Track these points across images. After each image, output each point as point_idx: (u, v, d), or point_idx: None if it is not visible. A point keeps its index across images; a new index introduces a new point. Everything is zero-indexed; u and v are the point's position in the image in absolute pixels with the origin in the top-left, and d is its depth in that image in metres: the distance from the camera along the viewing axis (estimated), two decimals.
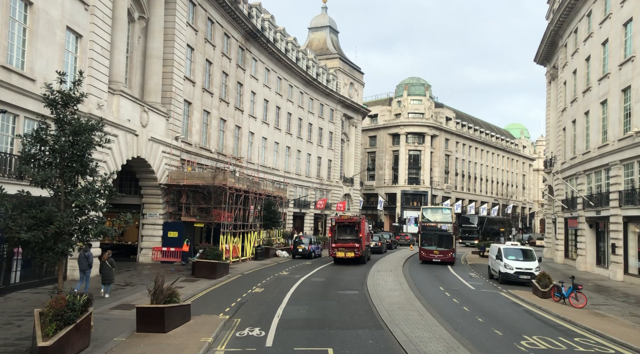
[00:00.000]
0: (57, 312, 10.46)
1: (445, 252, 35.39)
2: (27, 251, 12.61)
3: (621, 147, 26.88)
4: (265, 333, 13.47)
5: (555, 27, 39.01)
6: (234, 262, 30.46)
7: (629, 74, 26.43)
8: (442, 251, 35.40)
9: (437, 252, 35.35)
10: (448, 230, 36.14)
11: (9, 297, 16.80)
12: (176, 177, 29.49)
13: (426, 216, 37.72)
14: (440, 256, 35.33)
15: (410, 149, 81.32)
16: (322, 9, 70.92)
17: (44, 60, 18.85)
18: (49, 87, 11.78)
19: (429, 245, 35.95)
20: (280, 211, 41.91)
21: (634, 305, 19.65)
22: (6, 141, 17.47)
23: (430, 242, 36.08)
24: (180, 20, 31.07)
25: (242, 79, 41.43)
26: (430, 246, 35.83)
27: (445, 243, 35.69)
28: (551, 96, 45.38)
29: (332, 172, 62.16)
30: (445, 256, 35.25)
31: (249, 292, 20.57)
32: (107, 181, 12.28)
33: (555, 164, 41.76)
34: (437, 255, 35.37)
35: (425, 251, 35.87)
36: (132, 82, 27.93)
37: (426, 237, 36.38)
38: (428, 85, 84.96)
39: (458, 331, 14.28)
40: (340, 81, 64.71)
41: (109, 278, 17.69)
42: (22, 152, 11.63)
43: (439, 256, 35.33)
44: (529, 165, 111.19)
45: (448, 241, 35.80)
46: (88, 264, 17.54)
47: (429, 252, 35.68)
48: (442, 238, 35.90)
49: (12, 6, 17.57)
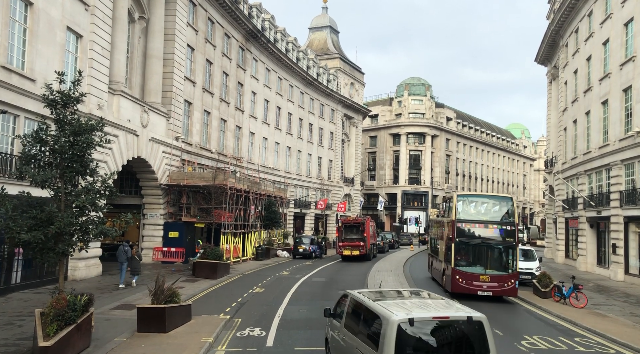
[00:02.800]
0: (58, 312, 10.46)
1: (502, 279, 19.59)
2: (27, 251, 12.63)
3: (622, 147, 26.86)
4: (266, 333, 13.47)
5: (556, 27, 38.99)
6: (234, 263, 30.47)
7: (630, 74, 26.41)
8: (497, 278, 19.56)
9: (488, 279, 19.57)
10: (507, 237, 19.87)
11: (10, 297, 16.80)
12: (177, 178, 29.49)
13: (464, 210, 20.66)
14: (494, 285, 19.53)
15: (411, 149, 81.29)
16: (323, 9, 70.89)
17: (44, 61, 18.86)
18: (49, 87, 11.77)
19: (469, 265, 20.04)
20: (281, 211, 41.92)
21: (635, 305, 19.64)
22: (6, 142, 17.47)
23: (472, 259, 20.23)
24: (181, 20, 31.06)
25: (243, 79, 41.43)
26: (474, 268, 19.94)
27: (503, 262, 20.04)
28: (552, 95, 45.37)
29: (332, 173, 62.14)
30: (502, 285, 19.59)
31: (250, 292, 20.57)
32: (107, 181, 12.27)
33: (556, 164, 41.73)
34: (487, 284, 19.52)
35: (462, 276, 19.69)
36: (132, 82, 27.93)
37: (464, 249, 20.21)
38: (429, 85, 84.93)
39: None
40: (341, 81, 64.68)
41: (136, 270, 20.59)
42: (23, 153, 11.62)
43: (490, 287, 19.53)
44: (530, 165, 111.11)
45: (507, 259, 19.95)
46: (126, 257, 20.38)
47: (470, 277, 19.65)
48: (497, 253, 20.17)
49: (12, 6, 17.57)
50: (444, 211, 23.56)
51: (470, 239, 19.97)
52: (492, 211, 20.74)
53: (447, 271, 20.70)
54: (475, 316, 7.58)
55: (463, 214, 20.35)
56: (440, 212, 27.26)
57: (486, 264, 20.05)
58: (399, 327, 7.18)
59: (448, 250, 20.50)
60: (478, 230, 19.98)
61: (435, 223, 25.99)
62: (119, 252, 20.58)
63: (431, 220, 28.70)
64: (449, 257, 20.43)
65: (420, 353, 7.36)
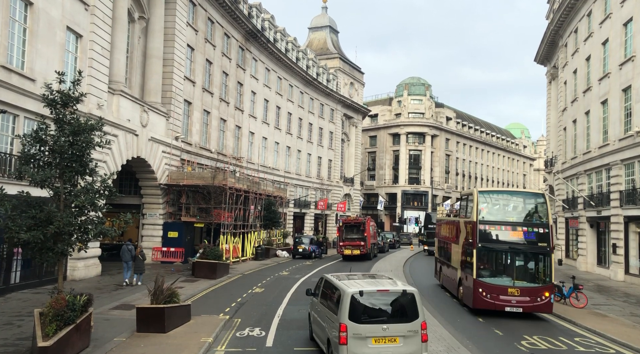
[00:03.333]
0: (57, 312, 10.46)
1: (534, 292, 16.47)
2: (26, 251, 12.60)
3: (622, 147, 26.86)
4: (266, 333, 13.47)
5: (556, 26, 38.99)
6: (234, 263, 30.46)
7: (629, 73, 26.41)
8: (529, 291, 16.48)
9: (517, 292, 16.39)
10: (540, 242, 16.70)
11: (9, 297, 16.79)
12: (176, 177, 29.48)
13: (487, 210, 17.45)
14: (525, 300, 16.37)
15: (411, 149, 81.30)
16: (322, 9, 70.88)
17: (44, 60, 18.84)
18: (49, 87, 11.76)
19: (495, 275, 17.02)
20: (281, 211, 41.93)
21: (635, 305, 19.63)
22: (6, 141, 17.47)
23: (498, 268, 17.27)
24: (180, 20, 31.05)
25: (242, 78, 41.42)
26: (500, 279, 16.87)
27: (535, 272, 17.01)
28: (551, 95, 45.37)
29: (332, 172, 62.14)
30: (534, 299, 16.39)
31: (249, 292, 20.56)
32: (106, 181, 12.25)
33: (555, 163, 41.74)
34: (516, 298, 16.37)
35: (487, 289, 16.51)
36: (132, 82, 27.92)
37: (488, 256, 17.20)
38: (428, 85, 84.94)
39: (459, 331, 14.27)
40: (341, 81, 64.68)
41: (140, 269, 20.90)
42: (22, 153, 11.61)
43: (521, 302, 16.36)
44: (530, 165, 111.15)
45: (540, 268, 16.94)
46: (131, 256, 20.74)
47: (496, 290, 16.48)
48: (528, 261, 17.15)
49: (12, 6, 17.56)
50: (459, 210, 20.36)
51: (496, 245, 16.75)
52: (520, 210, 17.62)
53: (466, 281, 17.61)
54: (409, 289, 10.35)
55: (487, 214, 17.11)
56: (452, 211, 25.15)
57: (515, 275, 16.78)
58: (352, 297, 9.91)
59: (467, 257, 17.43)
60: (504, 233, 16.81)
61: (447, 224, 22.44)
62: (123, 251, 20.96)
63: (439, 220, 25.06)
64: (468, 266, 17.20)
65: (367, 315, 9.92)
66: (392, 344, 9.82)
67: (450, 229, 21.12)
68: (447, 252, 21.41)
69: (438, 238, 24.69)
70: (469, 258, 17.21)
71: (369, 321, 9.90)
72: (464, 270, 18.05)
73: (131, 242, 22.20)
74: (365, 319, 9.89)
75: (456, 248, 19.39)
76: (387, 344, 9.81)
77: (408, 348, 9.85)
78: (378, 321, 9.93)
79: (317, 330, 11.90)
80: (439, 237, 24.30)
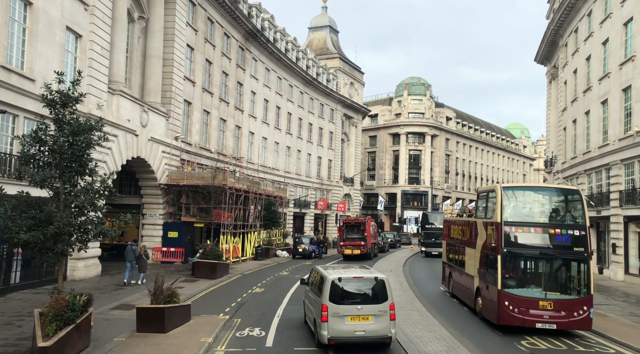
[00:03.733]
0: (57, 312, 10.46)
1: (570, 305, 14.23)
2: (26, 251, 12.62)
3: (622, 146, 26.86)
4: (266, 333, 13.47)
5: (556, 26, 39.00)
6: (234, 263, 30.46)
7: (630, 73, 26.41)
8: (564, 304, 14.21)
9: (550, 306, 14.11)
10: (576, 246, 14.57)
11: (9, 297, 16.79)
12: (176, 177, 29.48)
13: (513, 209, 15.14)
14: (559, 315, 14.06)
15: (411, 149, 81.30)
16: (322, 8, 70.87)
17: (43, 60, 18.84)
18: (48, 87, 11.75)
19: (523, 285, 14.74)
20: (281, 211, 41.94)
21: (635, 305, 19.63)
22: (6, 141, 17.47)
23: (526, 278, 15.04)
24: (180, 20, 31.05)
25: (242, 78, 41.41)
26: (529, 290, 14.62)
27: (570, 281, 14.86)
28: (551, 95, 45.38)
29: (332, 172, 62.15)
30: (570, 314, 14.11)
31: (249, 292, 20.57)
32: (106, 181, 12.25)
33: (555, 163, 41.75)
34: (549, 313, 14.08)
35: (514, 302, 14.21)
36: (132, 82, 27.91)
37: (515, 264, 14.90)
38: (428, 84, 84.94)
39: (458, 331, 14.26)
40: (341, 81, 64.68)
41: (143, 268, 21.31)
42: (22, 153, 11.61)
43: (554, 317, 14.03)
44: (530, 165, 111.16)
45: (576, 276, 14.81)
46: (134, 256, 21.10)
47: (525, 304, 14.19)
48: (562, 269, 14.91)
49: (12, 6, 17.56)
50: (476, 209, 18.00)
51: (524, 250, 14.48)
52: (552, 209, 15.31)
53: (488, 292, 15.23)
54: (380, 276, 12.21)
55: (512, 214, 14.81)
56: (464, 210, 23.18)
57: (547, 285, 14.42)
58: (332, 282, 11.83)
59: (489, 264, 15.17)
60: (534, 236, 14.53)
61: (458, 225, 20.02)
62: (127, 251, 21.35)
63: (447, 221, 22.80)
64: (490, 274, 15.00)
65: (345, 297, 11.80)
66: (365, 322, 11.64)
67: (464, 231, 18.86)
68: (459, 257, 19.24)
69: (447, 241, 22.31)
70: (491, 265, 14.95)
71: (346, 302, 11.76)
72: (483, 279, 15.76)
73: (135, 243, 22.77)
74: (343, 300, 11.74)
75: (472, 253, 17.23)
76: (360, 321, 11.64)
77: (378, 325, 11.67)
78: (353, 302, 11.80)
79: (308, 312, 13.66)
80: (448, 239, 21.87)
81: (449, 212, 25.25)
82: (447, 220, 22.87)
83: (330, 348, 11.80)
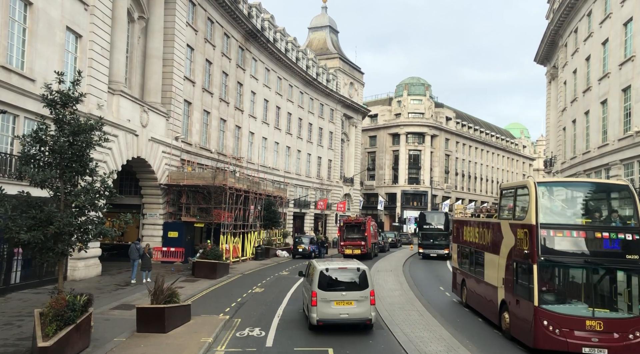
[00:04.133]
0: (57, 312, 10.46)
1: (623, 325, 11.62)
2: (27, 251, 12.62)
3: (621, 147, 26.87)
4: (266, 333, 13.49)
5: (556, 26, 39.01)
6: (234, 263, 30.47)
7: (629, 73, 26.42)
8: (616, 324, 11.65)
9: (600, 326, 11.51)
10: (629, 253, 11.95)
11: (9, 297, 16.80)
12: (176, 177, 29.49)
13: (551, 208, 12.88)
14: (611, 338, 11.48)
15: (410, 149, 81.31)
16: (322, 8, 70.87)
17: (43, 61, 18.85)
18: (48, 87, 11.76)
19: (565, 301, 12.25)
20: (281, 211, 41.95)
21: None
22: (6, 141, 17.47)
23: (569, 292, 12.59)
24: (180, 20, 31.05)
25: (242, 79, 41.42)
26: (573, 307, 12.11)
27: (623, 296, 12.08)
28: (551, 95, 45.39)
29: (332, 172, 62.15)
30: (624, 337, 11.47)
31: (249, 292, 20.58)
32: (106, 181, 12.26)
33: (555, 163, 41.76)
34: (598, 335, 11.49)
35: (555, 321, 11.75)
36: (132, 82, 27.92)
37: (554, 275, 12.60)
38: (428, 85, 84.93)
39: (458, 331, 14.27)
40: (340, 81, 64.69)
41: (148, 266, 21.75)
42: (22, 153, 11.62)
43: (605, 340, 11.45)
44: (529, 165, 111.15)
45: (630, 290, 11.89)
46: (139, 254, 21.67)
47: (568, 323, 11.69)
48: (612, 281, 12.13)
49: (12, 6, 17.56)
50: (500, 208, 15.28)
51: (566, 258, 12.06)
52: (597, 208, 13.00)
53: (519, 309, 12.72)
54: (361, 267, 14.04)
55: (549, 214, 12.49)
56: (480, 209, 20.02)
57: (594, 301, 11.81)
58: (320, 272, 13.71)
59: (521, 274, 12.79)
60: (578, 242, 12.09)
61: (474, 227, 17.52)
62: (131, 250, 21.89)
63: (459, 221, 20.19)
64: (523, 287, 12.60)
65: (331, 285, 13.61)
66: (349, 306, 13.44)
67: (482, 233, 16.42)
68: (476, 263, 16.95)
69: (458, 244, 19.72)
70: (524, 276, 12.56)
71: (332, 289, 13.54)
72: (512, 291, 13.23)
73: (139, 242, 23.37)
74: (330, 288, 13.53)
75: (494, 259, 14.85)
76: (345, 306, 13.43)
77: (360, 309, 13.46)
78: (339, 289, 13.59)
79: (304, 300, 15.32)
80: (460, 242, 19.36)
81: (459, 212, 22.44)
82: (459, 221, 20.20)
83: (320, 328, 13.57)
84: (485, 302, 15.83)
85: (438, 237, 40.78)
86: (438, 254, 39.98)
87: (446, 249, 39.20)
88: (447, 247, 38.87)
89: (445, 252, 39.31)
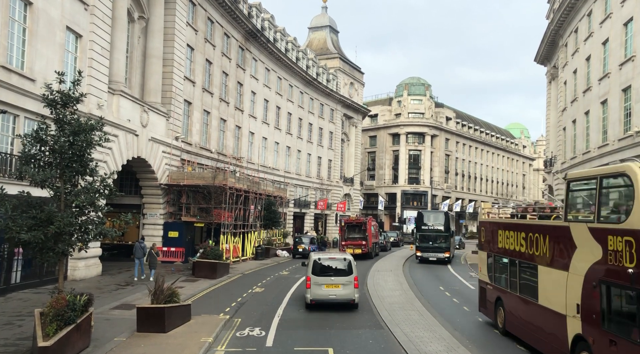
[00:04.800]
0: (57, 312, 10.47)
1: None
2: (27, 251, 12.62)
3: (621, 147, 26.86)
4: (266, 333, 13.49)
5: (556, 26, 39.01)
6: (234, 262, 30.47)
7: (629, 73, 26.42)
8: None
9: None
10: None
11: (9, 297, 16.81)
12: (176, 177, 29.50)
13: None
14: None
15: (411, 149, 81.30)
16: (322, 8, 70.85)
17: (43, 61, 18.85)
18: (49, 87, 11.77)
19: None
20: (281, 211, 41.96)
21: None
22: (6, 141, 17.48)
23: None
24: (180, 20, 31.06)
25: (242, 79, 41.42)
26: None
27: None
28: (551, 95, 45.40)
29: (332, 172, 62.16)
30: None
31: (250, 292, 20.58)
32: (107, 181, 12.27)
33: (555, 163, 41.77)
34: None
35: None
36: (132, 82, 27.93)
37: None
38: (428, 85, 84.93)
39: (458, 331, 14.28)
40: (341, 81, 64.69)
41: (154, 264, 22.27)
42: (22, 153, 11.62)
43: None
44: (529, 165, 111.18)
45: None
46: (143, 253, 22.34)
47: None
48: None
49: (12, 6, 17.57)
50: (569, 205, 11.45)
51: None
52: None
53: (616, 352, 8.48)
54: (347, 257, 17.35)
55: None
56: (527, 209, 15.04)
57: None
58: (314, 260, 17.04)
59: (619, 303, 8.76)
60: None
61: (520, 231, 13.17)
62: (136, 248, 22.64)
63: (485, 222, 16.53)
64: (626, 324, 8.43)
65: (322, 271, 16.80)
66: (336, 289, 16.65)
67: (534, 240, 12.28)
68: (524, 279, 12.78)
69: (488, 251, 15.54)
70: (626, 307, 8.55)
71: (323, 274, 16.73)
72: (599, 326, 9.12)
73: (143, 240, 23.97)
74: (322, 273, 16.72)
75: (559, 277, 10.76)
76: (333, 288, 16.65)
77: (345, 291, 16.65)
78: (328, 275, 16.77)
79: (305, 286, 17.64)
80: (494, 251, 14.99)
81: (486, 211, 17.81)
82: (490, 223, 15.94)
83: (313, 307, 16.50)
84: (542, 333, 11.59)
85: (437, 239, 36.65)
86: (438, 258, 35.85)
87: (447, 252, 35.97)
88: (448, 251, 35.89)
89: (445, 256, 35.75)
